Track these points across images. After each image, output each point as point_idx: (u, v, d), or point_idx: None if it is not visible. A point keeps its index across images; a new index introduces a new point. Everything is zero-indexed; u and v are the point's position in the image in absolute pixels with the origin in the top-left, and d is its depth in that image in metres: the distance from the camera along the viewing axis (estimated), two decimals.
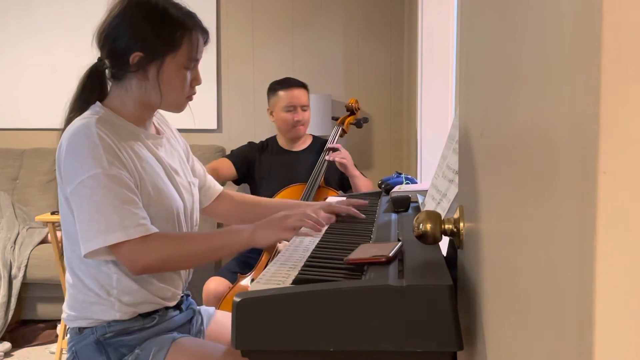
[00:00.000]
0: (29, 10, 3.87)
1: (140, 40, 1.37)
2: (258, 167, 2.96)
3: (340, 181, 2.95)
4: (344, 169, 2.82)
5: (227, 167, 2.94)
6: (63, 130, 1.38)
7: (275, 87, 2.96)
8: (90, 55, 1.45)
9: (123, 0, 1.40)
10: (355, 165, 2.91)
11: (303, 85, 2.96)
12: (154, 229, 1.32)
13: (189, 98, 1.47)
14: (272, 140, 3.05)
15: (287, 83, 2.94)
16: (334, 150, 2.85)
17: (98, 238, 1.28)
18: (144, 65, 1.38)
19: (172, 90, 1.41)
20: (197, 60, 1.44)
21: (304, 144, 3.00)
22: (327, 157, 2.81)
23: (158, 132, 1.54)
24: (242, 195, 1.79)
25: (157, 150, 1.47)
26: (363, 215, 1.42)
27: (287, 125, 2.91)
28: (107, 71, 1.44)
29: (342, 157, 2.82)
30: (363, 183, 2.84)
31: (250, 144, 3.05)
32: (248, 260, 2.70)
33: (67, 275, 1.43)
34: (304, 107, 2.92)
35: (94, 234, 1.28)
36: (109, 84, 1.45)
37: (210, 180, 1.70)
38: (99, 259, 1.34)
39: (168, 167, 1.47)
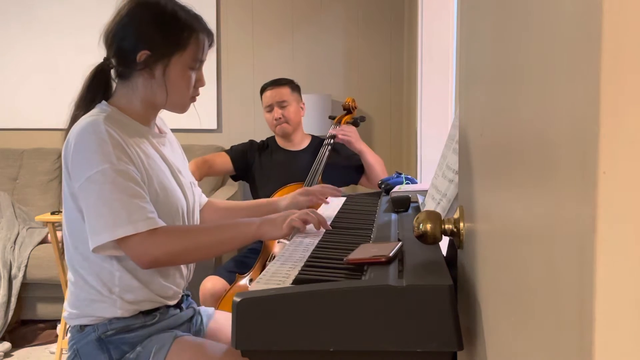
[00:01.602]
0: (29, 10, 3.87)
1: (148, 39, 1.39)
2: (257, 166, 2.95)
3: (344, 175, 2.92)
4: (349, 144, 2.82)
5: (223, 162, 2.93)
6: (68, 128, 1.40)
7: (261, 90, 2.96)
8: (91, 55, 1.46)
9: (132, 0, 1.42)
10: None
11: (284, 83, 2.91)
12: (162, 223, 1.33)
13: (193, 99, 1.49)
14: (272, 139, 3.04)
15: (268, 84, 2.92)
16: (340, 128, 2.85)
17: (106, 232, 1.28)
18: (150, 64, 1.39)
19: (178, 90, 1.43)
20: (202, 62, 1.46)
21: (302, 144, 2.99)
22: (331, 131, 2.81)
23: (161, 131, 1.55)
24: (224, 202, 1.81)
25: (162, 149, 1.49)
26: (339, 194, 1.59)
27: (271, 125, 2.92)
28: (112, 71, 1.45)
29: (345, 133, 2.80)
30: (375, 159, 2.82)
31: (252, 142, 3.04)
32: (246, 260, 2.70)
33: (69, 273, 1.43)
34: (282, 104, 2.87)
35: (102, 228, 1.29)
36: (114, 83, 1.46)
37: (198, 190, 1.71)
38: (107, 253, 1.35)
39: (173, 166, 1.48)
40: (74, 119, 1.41)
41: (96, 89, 1.45)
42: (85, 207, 1.32)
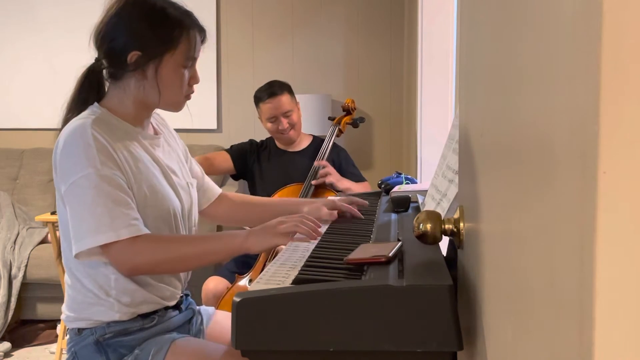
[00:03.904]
0: (29, 10, 3.87)
1: (138, 39, 1.37)
2: (256, 166, 2.95)
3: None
4: (331, 186, 2.78)
5: (223, 160, 2.92)
6: (60, 130, 1.39)
7: (256, 98, 2.89)
8: (90, 55, 1.45)
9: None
10: (354, 166, 2.92)
11: (282, 91, 2.83)
12: (145, 230, 1.31)
13: (187, 97, 1.47)
14: (271, 140, 3.04)
15: (267, 93, 2.83)
16: (319, 173, 2.78)
17: (89, 238, 1.28)
18: (142, 64, 1.38)
19: (171, 89, 1.41)
20: (194, 59, 1.44)
21: (301, 144, 2.99)
22: (313, 182, 2.75)
23: (156, 132, 1.54)
24: (241, 196, 1.78)
25: (154, 150, 1.46)
26: (362, 216, 1.47)
27: (274, 134, 2.90)
28: (104, 71, 1.44)
29: (329, 176, 2.74)
30: (359, 188, 2.78)
31: (251, 141, 3.04)
32: (247, 260, 2.70)
33: (66, 276, 1.43)
34: (287, 113, 2.82)
35: (85, 233, 1.28)
36: (107, 84, 1.45)
37: (209, 182, 1.70)
38: (91, 259, 1.34)
39: (165, 168, 1.46)
40: (66, 121, 1.40)
41: (88, 90, 1.43)
42: (70, 211, 1.31)
